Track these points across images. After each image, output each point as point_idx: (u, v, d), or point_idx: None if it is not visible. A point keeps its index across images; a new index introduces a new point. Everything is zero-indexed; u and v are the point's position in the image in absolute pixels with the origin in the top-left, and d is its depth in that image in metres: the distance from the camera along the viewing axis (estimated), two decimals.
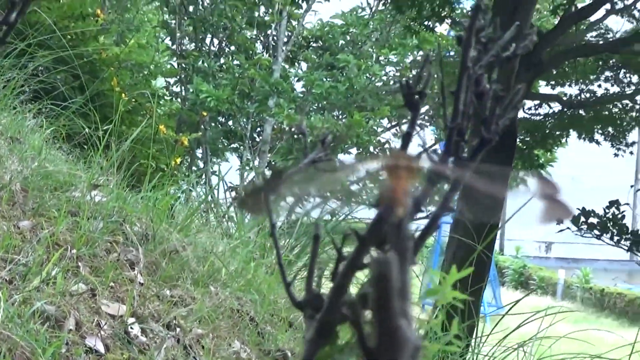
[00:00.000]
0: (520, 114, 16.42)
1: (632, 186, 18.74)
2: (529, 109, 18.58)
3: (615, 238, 11.35)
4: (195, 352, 3.76)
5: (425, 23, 19.32)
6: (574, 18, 14.33)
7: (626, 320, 29.76)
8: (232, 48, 28.88)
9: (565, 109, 17.00)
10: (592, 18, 16.74)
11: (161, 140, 8.67)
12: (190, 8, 28.30)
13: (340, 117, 27.03)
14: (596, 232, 11.40)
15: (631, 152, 19.51)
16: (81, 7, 9.22)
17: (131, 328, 3.59)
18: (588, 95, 17.11)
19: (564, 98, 17.05)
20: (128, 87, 9.36)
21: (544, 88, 19.16)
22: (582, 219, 11.41)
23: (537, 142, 18.02)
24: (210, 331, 4.00)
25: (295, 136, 26.59)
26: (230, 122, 27.10)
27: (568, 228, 11.54)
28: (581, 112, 16.83)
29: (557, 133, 17.92)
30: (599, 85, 16.92)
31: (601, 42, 16.85)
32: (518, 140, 14.24)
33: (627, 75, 16.06)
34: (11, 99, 5.80)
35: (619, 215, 11.51)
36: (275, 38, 28.48)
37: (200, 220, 5.79)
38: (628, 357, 4.87)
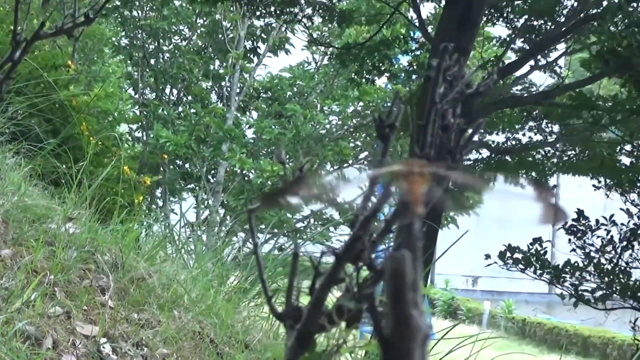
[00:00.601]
0: None
1: (552, 225, 18.80)
2: None
3: (538, 272, 11.40)
4: None
5: (366, 76, 19.42)
6: (501, 73, 14.45)
7: (545, 347, 29.95)
8: (190, 98, 29.00)
9: (493, 155, 17.10)
10: (518, 73, 16.90)
11: (126, 180, 8.66)
12: (152, 61, 28.45)
13: (288, 161, 26.95)
14: (521, 266, 11.45)
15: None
16: (54, 58, 9.26)
17: (103, 347, 3.59)
18: (514, 142, 17.20)
19: (492, 145, 17.14)
20: (95, 132, 9.36)
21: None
22: (508, 254, 11.45)
23: (467, 184, 18.04)
24: (175, 351, 4.00)
25: (246, 178, 26.67)
26: (187, 165, 27.12)
27: (495, 262, 11.62)
28: (507, 158, 16.93)
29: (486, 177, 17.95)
30: (524, 134, 17.04)
31: (526, 95, 16.98)
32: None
33: (549, 125, 16.17)
34: None
35: (542, 251, 11.59)
36: (228, 89, 28.55)
37: (164, 251, 5.80)
38: None
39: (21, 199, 4.38)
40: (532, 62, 16.59)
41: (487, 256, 11.90)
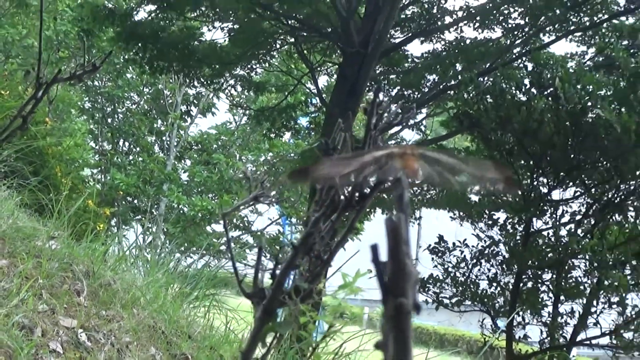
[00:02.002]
0: None
1: (418, 246, 18.88)
2: None
3: None
4: (124, 354, 3.74)
5: (276, 132, 19.46)
6: (380, 130, 14.56)
7: (433, 347, 30.16)
8: (138, 149, 29.31)
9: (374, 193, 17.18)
10: (392, 130, 17.01)
11: (90, 211, 8.62)
12: (109, 120, 28.63)
13: (214, 197, 27.22)
14: None
15: (419, 224, 19.87)
16: (35, 116, 9.21)
17: (80, 336, 3.56)
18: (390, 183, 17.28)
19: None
20: (66, 173, 9.34)
21: None
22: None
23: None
24: (135, 340, 3.98)
25: (181, 211, 26.75)
26: (135, 201, 27.11)
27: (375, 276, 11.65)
28: (384, 195, 17.01)
29: (367, 210, 18.14)
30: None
31: None
32: None
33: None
34: None
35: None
36: (168, 142, 28.77)
37: (125, 264, 5.76)
38: None
39: (14, 222, 4.34)
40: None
41: (370, 271, 11.90)
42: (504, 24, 15.29)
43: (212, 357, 4.44)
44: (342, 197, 1.42)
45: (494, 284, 11.03)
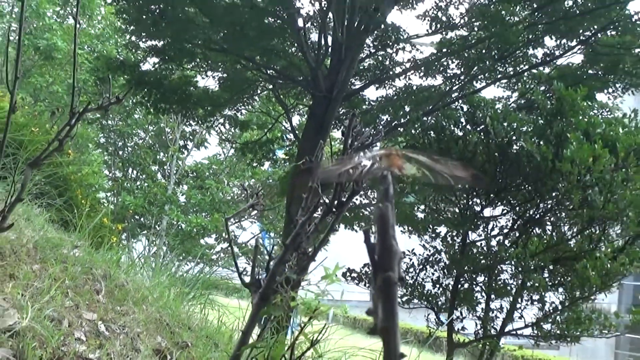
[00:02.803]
0: None
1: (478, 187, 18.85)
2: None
3: (367, 285, 11.41)
4: (136, 342, 3.72)
5: (257, 162, 19.41)
6: (354, 148, 14.55)
7: (363, 332, 29.94)
8: (144, 176, 29.30)
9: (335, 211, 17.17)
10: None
11: (106, 226, 8.58)
12: (120, 152, 28.60)
13: (206, 216, 27.28)
14: (356, 281, 11.46)
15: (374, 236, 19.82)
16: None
17: (100, 327, 3.54)
18: (350, 204, 17.33)
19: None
20: (85, 196, 9.31)
21: None
22: (348, 273, 11.45)
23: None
24: (144, 330, 3.96)
25: (180, 227, 26.75)
26: (142, 218, 26.99)
27: (340, 278, 11.66)
28: (346, 213, 17.02)
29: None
30: (356, 198, 17.16)
31: None
32: None
33: (372, 191, 16.27)
34: (26, 200, 5.73)
35: (369, 272, 11.65)
36: (169, 170, 28.68)
37: (135, 269, 5.74)
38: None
39: (45, 234, 4.32)
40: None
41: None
42: (443, 73, 15.36)
43: (208, 344, 4.43)
44: (324, 203, 1.44)
45: (437, 286, 11.05)
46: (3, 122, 7.04)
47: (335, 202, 1.48)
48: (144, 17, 14.11)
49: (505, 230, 10.26)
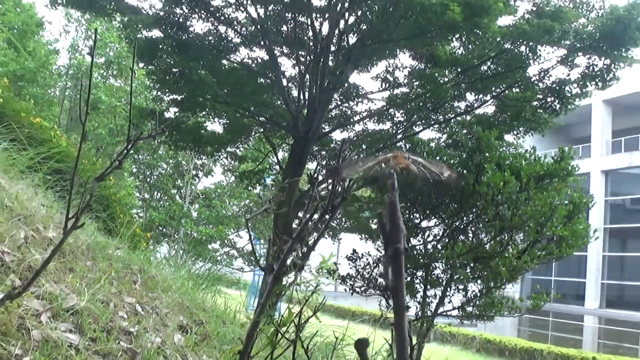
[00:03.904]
0: None
1: (339, 256, 18.81)
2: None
3: (336, 279, 11.39)
4: (165, 319, 3.69)
5: (252, 186, 19.32)
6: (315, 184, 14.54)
7: (334, 316, 29.62)
8: (166, 197, 29.11)
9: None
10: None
11: (138, 234, 8.52)
12: (148, 179, 28.42)
13: (213, 227, 27.15)
14: (326, 275, 11.40)
15: (339, 242, 19.71)
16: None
17: (137, 308, 3.50)
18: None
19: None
20: (122, 212, 9.22)
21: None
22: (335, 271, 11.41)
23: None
24: (170, 311, 3.92)
25: (193, 236, 26.59)
26: (164, 229, 26.76)
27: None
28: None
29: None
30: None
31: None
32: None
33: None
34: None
35: (336, 269, 11.62)
36: (184, 193, 28.49)
37: (161, 266, 5.69)
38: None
39: (94, 239, 4.27)
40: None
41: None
42: (391, 120, 15.48)
43: (218, 322, 4.39)
44: (321, 206, 1.44)
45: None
46: (63, 155, 6.95)
47: (329, 207, 1.47)
48: (167, 77, 14.10)
49: (438, 237, 10.27)
